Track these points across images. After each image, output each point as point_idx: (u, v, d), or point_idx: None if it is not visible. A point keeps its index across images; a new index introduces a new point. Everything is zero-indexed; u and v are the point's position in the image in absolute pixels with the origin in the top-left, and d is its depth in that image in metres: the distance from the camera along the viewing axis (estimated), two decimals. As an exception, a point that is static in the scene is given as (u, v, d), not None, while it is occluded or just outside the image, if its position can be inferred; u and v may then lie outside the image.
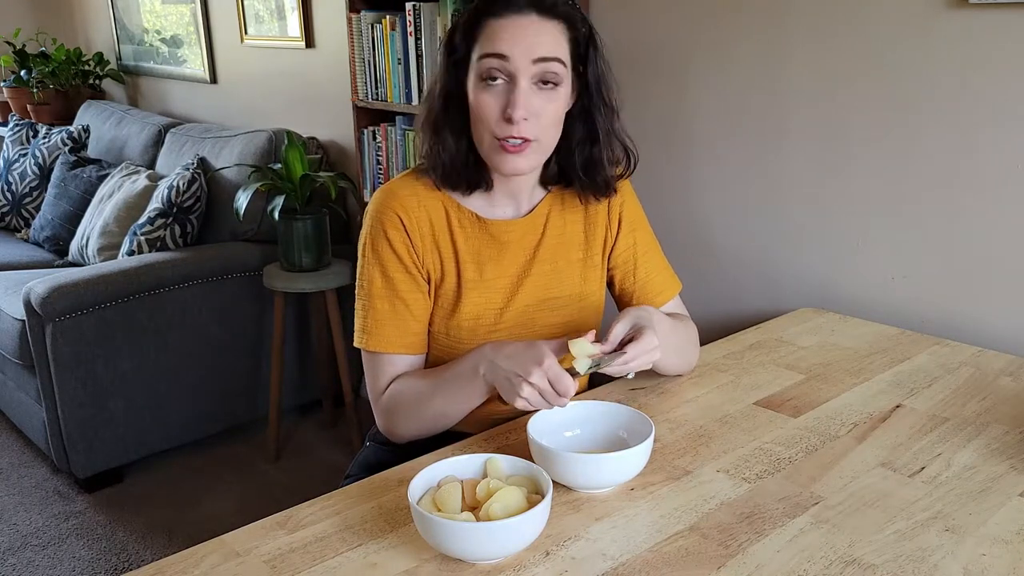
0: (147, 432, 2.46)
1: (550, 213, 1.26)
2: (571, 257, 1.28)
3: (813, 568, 0.88)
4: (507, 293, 1.24)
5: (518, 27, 1.10)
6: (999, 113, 1.45)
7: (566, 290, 1.27)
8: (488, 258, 1.23)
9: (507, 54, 1.09)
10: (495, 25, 1.11)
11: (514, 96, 1.10)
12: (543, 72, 1.11)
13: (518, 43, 1.09)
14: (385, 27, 2.27)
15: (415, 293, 1.20)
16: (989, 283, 1.52)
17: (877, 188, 1.63)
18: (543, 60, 1.10)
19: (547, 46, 1.10)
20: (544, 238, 1.25)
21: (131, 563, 2.11)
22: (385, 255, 1.19)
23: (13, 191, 3.49)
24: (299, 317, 2.75)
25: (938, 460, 1.10)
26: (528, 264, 1.25)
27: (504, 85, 1.11)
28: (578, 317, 1.28)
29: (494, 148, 1.13)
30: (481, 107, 1.12)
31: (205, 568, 0.91)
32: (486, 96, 1.12)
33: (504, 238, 1.23)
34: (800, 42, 1.68)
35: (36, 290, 2.25)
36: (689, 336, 1.32)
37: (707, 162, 1.91)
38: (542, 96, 1.12)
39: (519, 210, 1.25)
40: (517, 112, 1.09)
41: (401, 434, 1.22)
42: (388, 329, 1.19)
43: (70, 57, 3.94)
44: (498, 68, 1.10)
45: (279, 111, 3.10)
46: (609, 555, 0.91)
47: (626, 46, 1.98)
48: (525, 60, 1.09)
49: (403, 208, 1.19)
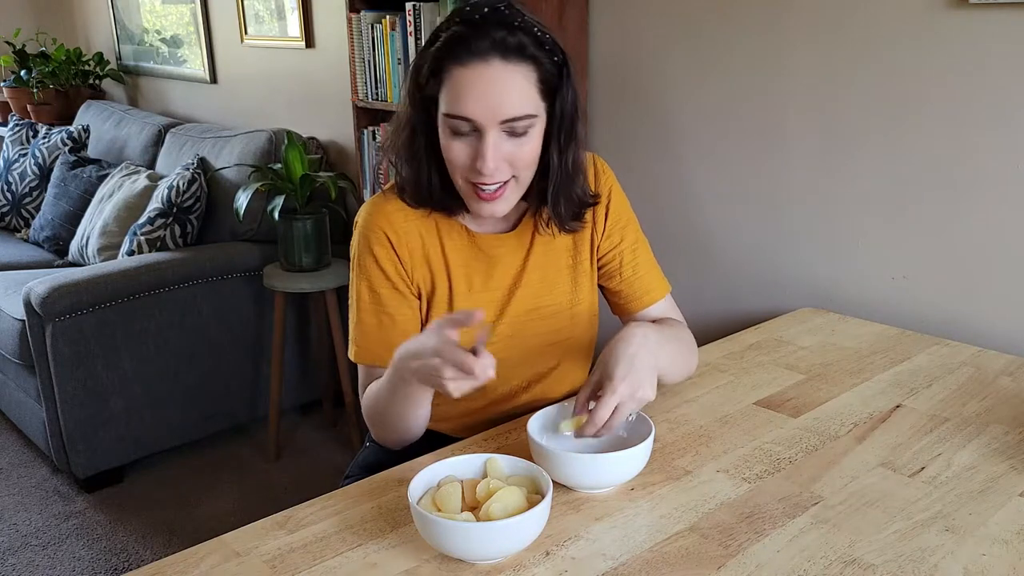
0: (147, 432, 2.46)
1: (537, 221, 1.23)
2: (560, 264, 1.26)
3: (813, 568, 0.89)
4: (498, 306, 1.23)
5: (481, 81, 1.04)
6: (999, 113, 1.45)
7: (556, 298, 1.25)
8: (477, 271, 1.22)
9: (471, 117, 1.05)
10: (459, 76, 1.05)
11: (482, 149, 1.06)
12: (511, 128, 1.07)
13: (481, 104, 1.04)
14: (385, 27, 2.27)
15: (402, 308, 1.19)
16: (989, 283, 1.52)
17: (877, 188, 1.63)
18: (510, 120, 1.06)
19: (513, 104, 1.05)
20: (532, 248, 1.23)
21: (131, 563, 2.11)
22: (371, 271, 1.19)
23: (13, 191, 3.49)
24: (299, 317, 2.75)
25: (938, 460, 1.10)
26: (518, 276, 1.23)
27: (473, 135, 1.07)
28: (570, 325, 1.27)
29: (468, 194, 1.12)
30: (451, 154, 1.09)
31: (205, 568, 0.91)
32: (456, 144, 1.08)
33: (494, 252, 1.22)
34: (799, 42, 1.68)
35: (36, 290, 2.25)
36: (684, 342, 1.27)
37: (707, 163, 1.91)
38: (513, 143, 1.08)
39: (508, 222, 1.23)
40: (487, 166, 1.06)
41: (384, 440, 1.22)
42: (374, 342, 1.19)
43: (70, 57, 3.94)
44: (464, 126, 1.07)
45: (279, 111, 3.10)
46: (609, 555, 0.91)
47: (624, 47, 1.98)
48: (491, 121, 1.05)
49: (389, 224, 1.18)
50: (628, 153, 2.07)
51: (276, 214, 2.42)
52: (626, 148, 2.07)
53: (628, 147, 2.07)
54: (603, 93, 2.07)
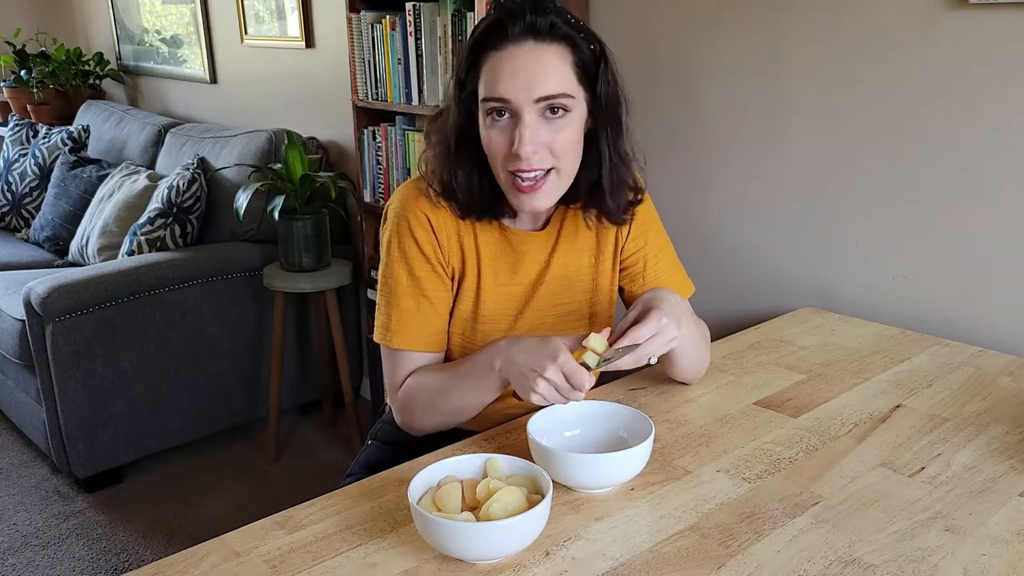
0: (147, 432, 2.46)
1: (564, 219, 1.25)
2: (581, 263, 1.27)
3: (813, 568, 0.88)
4: (521, 300, 1.24)
5: (516, 61, 1.06)
6: (999, 113, 1.45)
7: (578, 296, 1.27)
8: (505, 265, 1.23)
9: (507, 97, 1.06)
10: (494, 61, 1.07)
11: (519, 131, 1.07)
12: (548, 106, 1.07)
13: (518, 83, 1.05)
14: (385, 27, 2.27)
15: (440, 291, 1.20)
16: (989, 283, 1.52)
17: (877, 188, 1.63)
18: (546, 98, 1.07)
19: (548, 82, 1.06)
20: (557, 246, 1.24)
21: (131, 563, 2.11)
22: (412, 254, 1.19)
23: (13, 191, 3.49)
24: (299, 317, 2.75)
25: (938, 460, 1.10)
26: (542, 273, 1.24)
27: (509, 120, 1.08)
28: (589, 321, 1.28)
29: (509, 188, 1.12)
30: (490, 144, 1.10)
31: (205, 568, 0.91)
32: (494, 133, 1.09)
33: (522, 248, 1.23)
34: (800, 43, 1.68)
35: (36, 290, 2.25)
36: (703, 334, 1.29)
37: (707, 163, 1.91)
38: (551, 126, 1.08)
39: (537, 222, 1.25)
40: (523, 149, 1.07)
41: (418, 427, 1.22)
42: (411, 327, 1.19)
43: (70, 57, 3.94)
44: (500, 108, 1.08)
45: (279, 111, 3.10)
46: (609, 555, 0.91)
47: (625, 50, 1.98)
48: (527, 100, 1.06)
49: (429, 206, 1.19)
50: (628, 153, 2.07)
51: (276, 214, 2.42)
52: (626, 148, 2.07)
53: (628, 147, 2.07)
54: (603, 93, 2.06)
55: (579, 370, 1.01)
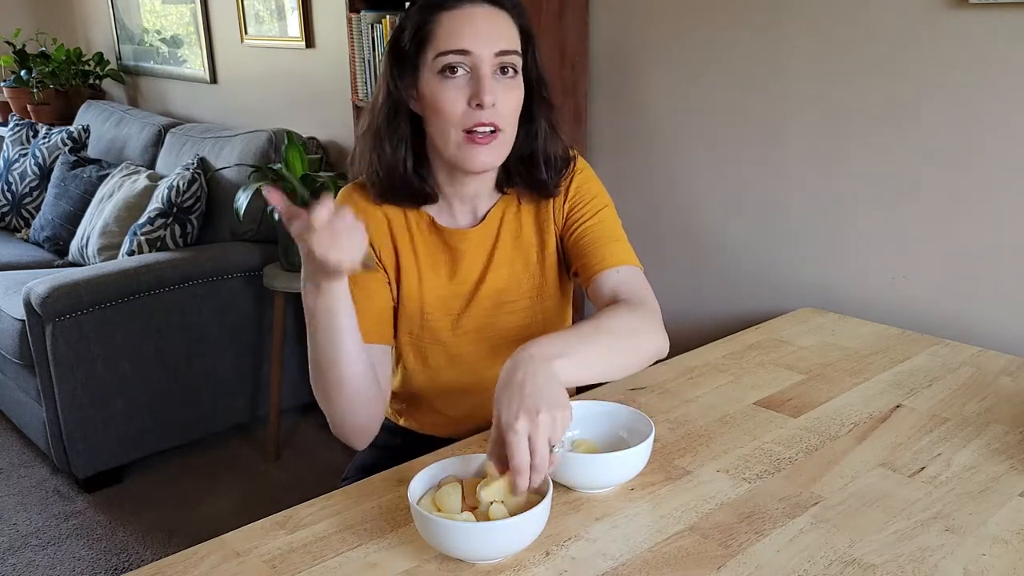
0: (147, 432, 2.46)
1: (504, 217, 1.22)
2: (528, 259, 1.24)
3: (813, 568, 0.88)
4: (464, 299, 1.22)
5: (475, 19, 1.08)
6: (999, 113, 1.45)
7: (525, 292, 1.24)
8: (443, 264, 1.21)
9: (469, 49, 1.07)
10: (448, 19, 1.08)
11: (481, 83, 1.07)
12: (503, 63, 1.09)
13: (479, 36, 1.07)
14: (385, 27, 2.27)
15: (372, 282, 1.18)
16: (989, 283, 1.52)
17: (877, 188, 1.63)
18: (504, 53, 1.08)
19: (506, 38, 1.09)
20: (498, 243, 1.22)
21: (131, 563, 2.11)
22: None
23: (13, 191, 3.49)
24: (299, 317, 2.74)
25: (938, 460, 1.10)
26: (484, 271, 1.22)
27: (466, 76, 1.08)
28: (541, 320, 1.26)
29: (460, 145, 1.10)
30: (443, 102, 1.08)
31: (205, 568, 0.91)
32: (448, 90, 1.08)
33: (459, 247, 1.21)
34: (800, 42, 1.68)
35: (36, 290, 2.25)
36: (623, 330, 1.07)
37: (707, 162, 1.91)
38: (503, 84, 1.09)
39: (476, 216, 1.22)
40: (487, 97, 1.07)
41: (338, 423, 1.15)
42: None
43: (70, 57, 3.95)
44: (459, 63, 1.07)
45: (279, 111, 3.10)
46: (609, 555, 0.91)
47: (624, 45, 1.98)
48: (488, 53, 1.07)
49: (364, 203, 1.18)
50: (628, 153, 2.07)
51: (276, 214, 2.42)
52: (626, 148, 2.07)
53: (628, 147, 2.07)
54: (603, 93, 2.07)
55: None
